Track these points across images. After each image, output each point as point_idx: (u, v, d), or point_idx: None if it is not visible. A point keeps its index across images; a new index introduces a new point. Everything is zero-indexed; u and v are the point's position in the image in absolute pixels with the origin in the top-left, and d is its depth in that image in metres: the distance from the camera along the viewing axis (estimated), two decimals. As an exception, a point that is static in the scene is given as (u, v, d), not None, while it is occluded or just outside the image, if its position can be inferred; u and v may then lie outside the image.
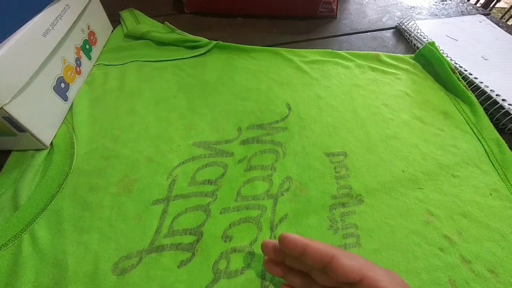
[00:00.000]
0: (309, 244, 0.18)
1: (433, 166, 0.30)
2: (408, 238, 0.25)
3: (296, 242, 0.19)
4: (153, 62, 0.39)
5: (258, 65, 0.39)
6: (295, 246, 0.19)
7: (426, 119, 0.34)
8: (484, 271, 0.23)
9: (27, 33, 0.25)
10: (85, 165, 0.27)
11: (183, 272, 0.22)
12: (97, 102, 0.33)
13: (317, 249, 0.18)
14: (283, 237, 0.19)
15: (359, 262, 0.18)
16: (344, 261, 0.17)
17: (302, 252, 0.18)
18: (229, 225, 0.24)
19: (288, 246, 0.19)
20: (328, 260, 0.17)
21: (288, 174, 0.28)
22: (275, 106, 0.34)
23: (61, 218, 0.24)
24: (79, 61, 0.34)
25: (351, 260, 0.18)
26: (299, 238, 0.19)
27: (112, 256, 0.22)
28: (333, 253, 0.18)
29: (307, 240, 0.19)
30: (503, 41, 0.46)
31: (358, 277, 0.17)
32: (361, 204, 0.26)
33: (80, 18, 0.34)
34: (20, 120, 0.25)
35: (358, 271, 0.17)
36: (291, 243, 0.19)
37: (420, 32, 0.45)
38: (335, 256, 0.17)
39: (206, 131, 0.31)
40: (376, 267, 0.18)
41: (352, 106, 0.35)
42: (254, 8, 0.49)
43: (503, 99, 0.34)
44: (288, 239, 0.19)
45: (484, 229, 0.25)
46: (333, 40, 0.46)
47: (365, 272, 0.17)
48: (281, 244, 0.19)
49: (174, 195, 0.26)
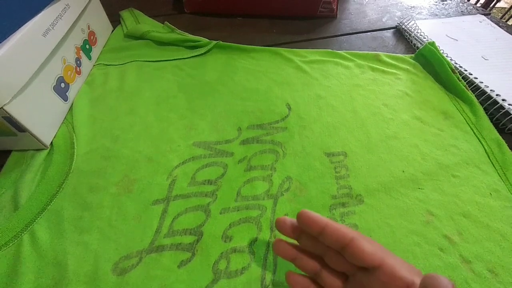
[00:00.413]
0: (329, 222, 0.18)
1: (433, 166, 0.30)
2: (408, 238, 0.25)
3: (317, 219, 0.18)
4: (153, 62, 0.39)
5: (258, 65, 0.39)
6: (316, 223, 0.18)
7: (426, 119, 0.34)
8: (484, 271, 0.23)
9: (27, 33, 0.25)
10: (85, 165, 0.27)
11: (183, 272, 0.22)
12: (97, 102, 0.33)
13: (337, 228, 0.17)
14: (303, 213, 0.18)
15: (379, 248, 0.17)
16: (365, 244, 0.17)
17: (321, 231, 0.18)
18: (229, 225, 0.24)
19: (307, 222, 0.18)
20: (347, 242, 0.17)
21: (288, 174, 0.28)
22: (275, 106, 0.34)
23: (61, 218, 0.24)
24: (79, 61, 0.34)
25: (371, 244, 0.17)
26: (319, 216, 0.18)
27: (112, 256, 0.22)
28: (353, 235, 0.17)
29: (327, 219, 0.18)
30: (503, 41, 0.46)
31: (377, 262, 0.16)
32: (361, 204, 0.26)
33: (80, 18, 0.34)
34: (20, 120, 0.25)
35: (378, 256, 0.16)
36: (311, 220, 0.18)
37: (420, 32, 0.45)
38: (355, 238, 0.17)
39: (206, 131, 0.31)
40: (395, 255, 0.17)
41: (352, 106, 0.35)
42: (254, 8, 0.49)
43: (503, 99, 0.34)
44: (309, 215, 0.18)
45: (484, 229, 0.25)
46: (333, 40, 0.46)
47: (384, 258, 0.16)
48: (300, 220, 0.19)
49: (174, 195, 0.26)
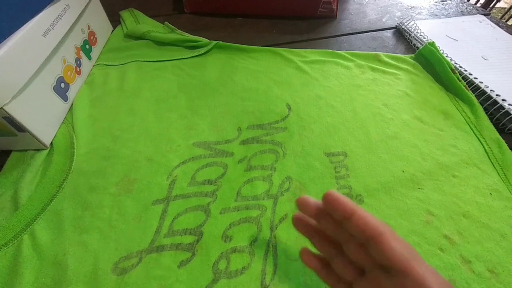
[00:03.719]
0: (358, 209, 0.16)
1: (433, 166, 0.30)
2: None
3: (346, 203, 0.16)
4: (153, 62, 0.39)
5: (258, 65, 0.39)
6: (344, 206, 0.16)
7: (426, 119, 0.34)
8: (484, 271, 0.23)
9: (27, 33, 0.25)
10: (85, 165, 0.27)
11: (183, 272, 0.22)
12: (97, 102, 0.33)
13: (367, 218, 0.16)
14: (331, 194, 0.17)
15: (409, 251, 0.15)
16: (395, 242, 0.15)
17: (348, 217, 0.16)
18: (229, 225, 0.24)
19: (335, 205, 0.17)
20: (376, 235, 0.15)
21: (288, 174, 0.28)
22: (275, 106, 0.34)
23: (61, 218, 0.24)
24: (79, 61, 0.34)
25: (401, 244, 0.15)
26: (349, 200, 0.17)
27: (112, 256, 0.22)
28: (384, 229, 0.15)
29: (356, 206, 0.16)
30: (503, 41, 0.46)
31: (404, 267, 0.15)
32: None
33: (80, 18, 0.34)
34: (20, 120, 0.25)
35: (406, 261, 0.15)
36: (339, 203, 0.16)
37: (420, 32, 0.45)
38: (385, 233, 0.15)
39: (206, 131, 0.31)
40: (425, 263, 0.16)
41: (352, 106, 0.35)
42: (254, 8, 0.49)
43: (503, 99, 0.34)
44: (337, 197, 0.17)
45: (484, 229, 0.25)
46: (333, 40, 0.46)
47: (414, 264, 0.15)
48: (326, 201, 0.17)
49: (174, 195, 0.26)
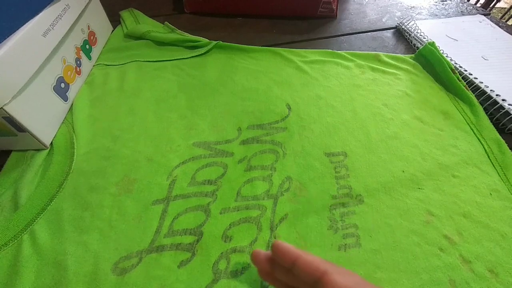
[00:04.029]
0: (301, 255, 0.17)
1: (433, 166, 0.30)
2: (408, 238, 0.25)
3: (288, 251, 0.18)
4: (153, 62, 0.39)
5: (258, 65, 0.39)
6: (287, 255, 0.18)
7: (426, 119, 0.34)
8: (484, 271, 0.23)
9: (27, 33, 0.25)
10: (85, 165, 0.27)
11: (183, 272, 0.22)
12: (97, 102, 0.33)
13: (309, 261, 0.17)
14: (276, 245, 0.18)
15: (354, 281, 0.16)
16: (337, 278, 0.16)
17: (293, 263, 0.17)
18: (229, 225, 0.24)
19: (279, 254, 0.18)
20: (319, 275, 0.16)
21: (288, 174, 0.28)
22: (275, 106, 0.34)
23: (61, 218, 0.24)
24: (79, 61, 0.34)
25: (344, 277, 0.16)
26: (292, 248, 0.18)
27: (112, 256, 0.22)
28: (326, 268, 0.16)
29: (300, 252, 0.17)
30: (503, 41, 0.46)
31: None
32: (361, 204, 0.26)
33: (80, 18, 0.34)
34: (20, 120, 0.25)
35: None
36: (283, 252, 0.18)
37: (420, 32, 0.45)
38: (327, 272, 0.16)
39: (206, 131, 0.31)
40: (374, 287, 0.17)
41: (352, 106, 0.35)
42: (254, 8, 0.49)
43: (503, 99, 0.34)
44: (282, 246, 0.18)
45: (484, 229, 0.25)
46: (333, 40, 0.46)
47: None
48: (273, 252, 0.19)
49: (174, 195, 0.26)
